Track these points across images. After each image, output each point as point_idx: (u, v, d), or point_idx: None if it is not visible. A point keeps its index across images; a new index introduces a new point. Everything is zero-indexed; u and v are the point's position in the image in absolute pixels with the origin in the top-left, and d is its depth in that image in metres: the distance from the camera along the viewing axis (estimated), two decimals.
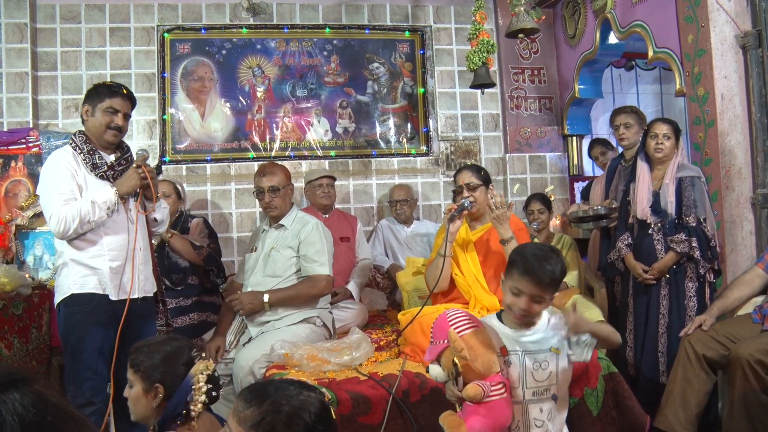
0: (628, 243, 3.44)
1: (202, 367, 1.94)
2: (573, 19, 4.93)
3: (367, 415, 2.43)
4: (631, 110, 3.93)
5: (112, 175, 2.77)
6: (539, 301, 1.93)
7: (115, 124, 2.78)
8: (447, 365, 1.89)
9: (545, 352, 1.96)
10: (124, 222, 2.79)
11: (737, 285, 3.11)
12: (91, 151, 2.76)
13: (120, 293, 2.74)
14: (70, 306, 2.70)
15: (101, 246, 2.72)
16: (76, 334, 2.68)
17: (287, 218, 3.42)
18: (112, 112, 2.77)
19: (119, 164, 2.82)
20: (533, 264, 1.90)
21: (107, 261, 2.72)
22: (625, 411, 2.68)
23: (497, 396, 1.85)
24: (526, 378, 1.95)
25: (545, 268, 1.89)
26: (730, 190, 3.42)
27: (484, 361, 1.84)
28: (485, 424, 1.83)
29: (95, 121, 2.77)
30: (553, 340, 1.98)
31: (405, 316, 3.03)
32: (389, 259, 4.62)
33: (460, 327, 1.89)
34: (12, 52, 4.52)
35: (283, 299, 3.21)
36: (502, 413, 1.85)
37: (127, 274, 2.76)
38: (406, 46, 5.24)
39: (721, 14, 3.43)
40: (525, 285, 1.90)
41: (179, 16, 4.87)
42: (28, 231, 4.08)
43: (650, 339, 3.29)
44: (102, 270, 2.70)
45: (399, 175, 5.12)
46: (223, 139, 4.93)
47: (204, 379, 1.91)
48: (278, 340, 2.92)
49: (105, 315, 2.71)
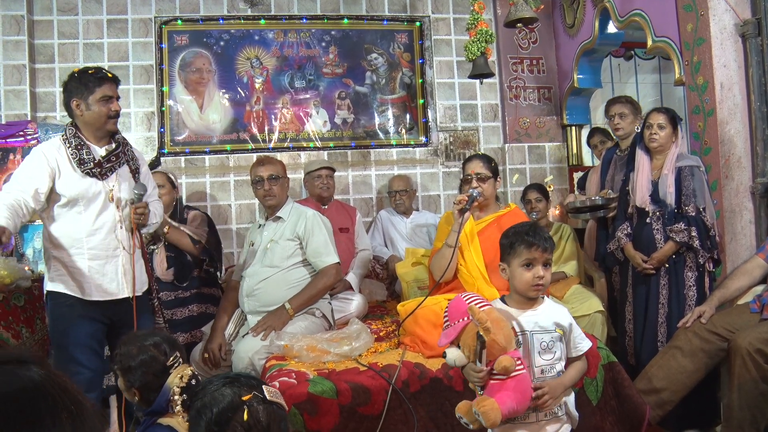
0: (627, 233, 3.43)
1: (177, 380, 1.90)
2: (572, 9, 4.91)
3: (367, 405, 2.44)
4: (626, 100, 3.92)
5: (99, 171, 2.71)
6: (549, 263, 2.08)
7: (114, 111, 2.73)
8: (469, 342, 1.94)
9: (550, 332, 2.06)
10: (110, 222, 2.73)
11: (737, 275, 3.11)
12: (79, 146, 2.69)
13: (100, 293, 2.69)
14: (54, 299, 2.68)
15: (81, 245, 2.68)
16: (60, 327, 2.67)
17: (284, 210, 3.43)
18: (107, 100, 2.71)
19: (108, 161, 2.75)
20: (530, 235, 2.07)
21: (87, 260, 2.67)
22: (625, 400, 2.69)
23: (520, 371, 1.92)
24: (534, 357, 2.04)
25: (541, 235, 2.08)
26: (729, 179, 3.41)
27: (506, 335, 1.92)
28: (515, 398, 1.87)
29: (93, 114, 2.70)
30: (556, 319, 2.08)
31: (404, 306, 3.03)
32: (389, 250, 4.62)
33: (479, 303, 1.98)
34: (9, 44, 4.51)
35: (303, 302, 3.22)
36: (527, 387, 1.91)
37: (108, 275, 2.71)
38: (404, 36, 5.22)
39: (720, 3, 3.42)
40: (535, 254, 2.05)
41: (176, 7, 4.85)
42: (27, 224, 4.06)
43: (650, 328, 3.30)
44: (81, 269, 2.66)
45: (398, 166, 5.11)
46: (221, 131, 4.92)
47: (178, 392, 1.89)
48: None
49: (92, 307, 2.68)
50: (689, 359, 2.91)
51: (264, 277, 3.29)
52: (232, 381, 1.46)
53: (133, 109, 4.75)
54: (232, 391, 1.43)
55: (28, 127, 4.15)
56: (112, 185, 2.75)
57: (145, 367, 1.96)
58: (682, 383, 2.91)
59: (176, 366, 1.97)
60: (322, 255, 3.31)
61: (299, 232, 3.33)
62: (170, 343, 2.06)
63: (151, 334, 2.11)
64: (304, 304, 3.22)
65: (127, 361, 1.98)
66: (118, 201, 2.75)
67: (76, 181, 2.67)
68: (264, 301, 3.26)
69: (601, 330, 3.64)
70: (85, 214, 2.69)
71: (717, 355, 2.87)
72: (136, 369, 1.96)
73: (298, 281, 3.32)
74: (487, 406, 1.84)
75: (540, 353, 2.05)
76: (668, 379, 2.93)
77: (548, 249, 2.06)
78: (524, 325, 2.06)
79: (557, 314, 2.10)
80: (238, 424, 1.38)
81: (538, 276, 2.04)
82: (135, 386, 1.96)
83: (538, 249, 2.04)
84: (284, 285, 3.28)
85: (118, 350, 2.03)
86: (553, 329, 2.05)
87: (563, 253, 4.20)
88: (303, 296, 3.22)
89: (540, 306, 2.11)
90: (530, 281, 2.06)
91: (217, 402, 1.40)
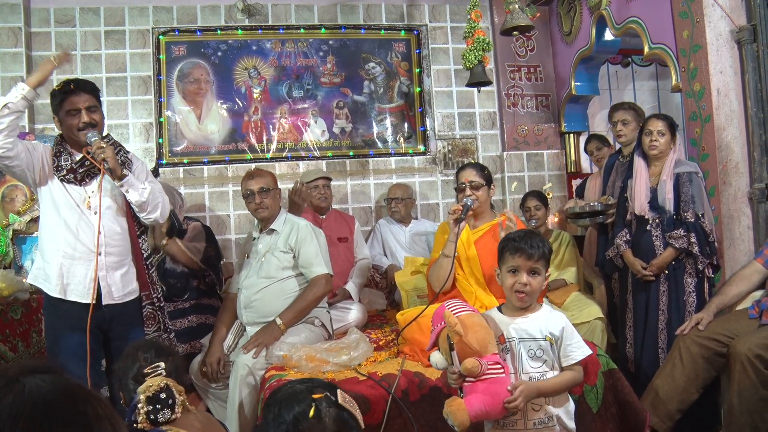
0: (626, 239, 3.43)
1: (143, 388, 1.85)
2: (568, 16, 4.92)
3: (367, 415, 2.42)
4: (629, 107, 3.92)
5: (74, 177, 2.76)
6: (536, 272, 2.07)
7: (81, 123, 2.75)
8: (443, 345, 1.99)
9: (538, 340, 2.05)
10: (87, 223, 2.75)
11: (736, 280, 3.11)
12: (59, 153, 2.78)
13: (68, 294, 2.70)
14: (47, 309, 2.77)
15: (57, 242, 2.72)
16: (51, 337, 2.74)
17: (277, 222, 3.42)
18: (73, 114, 2.76)
19: (82, 166, 2.79)
20: (521, 242, 2.08)
21: (59, 258, 2.71)
22: (625, 407, 2.68)
23: (495, 374, 1.93)
24: (522, 364, 2.05)
25: (532, 244, 2.07)
26: (727, 185, 3.42)
27: (479, 338, 1.94)
28: (483, 400, 1.89)
29: (65, 127, 2.79)
30: (550, 327, 2.06)
31: (404, 315, 3.03)
32: (388, 259, 4.61)
33: (455, 309, 2.03)
34: (7, 56, 4.51)
35: (294, 315, 3.18)
36: (500, 391, 1.91)
37: (76, 277, 2.71)
38: (402, 45, 5.24)
39: (715, 9, 3.43)
40: (519, 261, 2.06)
41: (174, 18, 4.86)
42: (25, 236, 4.07)
43: (650, 335, 3.29)
44: (51, 265, 2.70)
45: (397, 175, 5.11)
46: (220, 141, 4.93)
47: (144, 400, 1.82)
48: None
49: (79, 319, 2.67)
50: (690, 367, 2.91)
51: (260, 288, 3.28)
52: (307, 380, 1.46)
53: (131, 120, 4.76)
54: (305, 387, 1.42)
55: (26, 138, 4.14)
56: (91, 192, 2.79)
57: (123, 372, 1.97)
58: (688, 392, 2.91)
59: (154, 375, 1.91)
60: (312, 265, 3.30)
61: (291, 243, 3.33)
62: (158, 351, 2.02)
63: (144, 342, 2.11)
64: (296, 318, 3.19)
65: (118, 363, 1.99)
66: (96, 208, 2.77)
67: (54, 185, 2.75)
68: (262, 312, 3.25)
69: (600, 337, 3.64)
70: (63, 215, 2.74)
71: (717, 362, 2.86)
72: (117, 373, 1.97)
73: (295, 291, 3.31)
74: (455, 407, 1.88)
75: (529, 361, 2.05)
76: (674, 390, 2.92)
77: (535, 257, 2.05)
78: (512, 332, 2.08)
79: (551, 322, 2.08)
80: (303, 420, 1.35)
81: (521, 283, 2.05)
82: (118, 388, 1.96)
83: (522, 256, 2.05)
84: (281, 295, 3.27)
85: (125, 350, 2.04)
86: (541, 337, 2.04)
87: (562, 260, 4.20)
88: (293, 309, 3.19)
89: (533, 314, 2.10)
90: (511, 287, 2.08)
91: (287, 396, 1.38)
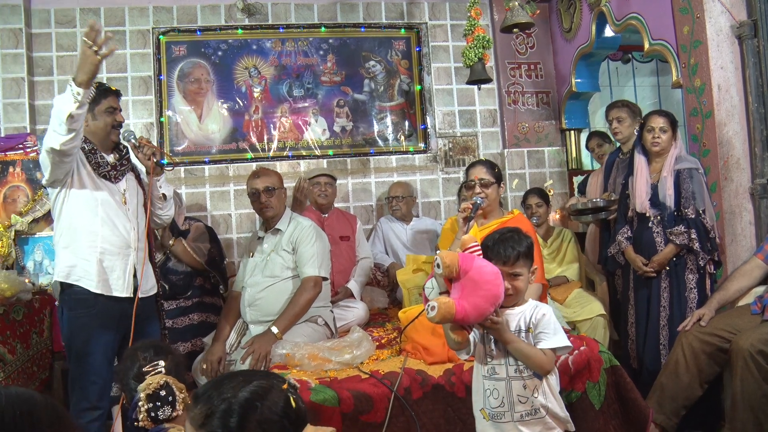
0: (627, 236, 3.44)
1: (143, 386, 1.89)
2: (568, 13, 4.92)
3: (369, 413, 2.43)
4: (623, 104, 3.95)
5: (114, 174, 2.83)
6: (517, 274, 2.06)
7: (118, 121, 2.86)
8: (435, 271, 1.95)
9: (523, 331, 2.04)
10: (124, 219, 2.82)
11: (737, 276, 3.12)
12: (93, 151, 2.80)
13: (106, 289, 2.72)
14: (74, 309, 2.70)
15: (94, 238, 2.73)
16: (82, 337, 2.68)
17: (282, 221, 3.43)
18: (112, 111, 2.85)
19: (121, 164, 2.89)
20: (496, 248, 2.06)
21: (98, 254, 2.72)
22: (628, 404, 2.68)
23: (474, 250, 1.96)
24: (507, 355, 2.03)
25: (507, 247, 2.05)
26: (728, 180, 3.41)
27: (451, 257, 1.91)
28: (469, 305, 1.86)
29: (99, 124, 2.83)
30: (532, 319, 2.05)
31: (406, 313, 3.02)
32: (389, 257, 4.62)
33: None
34: (8, 57, 4.52)
35: (289, 321, 3.16)
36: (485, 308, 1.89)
37: (116, 271, 2.76)
38: (402, 43, 5.24)
39: (716, 5, 3.43)
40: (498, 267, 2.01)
41: (174, 18, 4.86)
42: (27, 236, 4.08)
43: (652, 331, 3.29)
44: (90, 261, 2.70)
45: (398, 173, 5.11)
46: (220, 141, 4.93)
47: (144, 398, 1.87)
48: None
49: (110, 317, 2.72)
50: (693, 363, 2.91)
51: (265, 286, 3.29)
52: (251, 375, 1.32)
53: (132, 120, 4.75)
54: (268, 383, 1.29)
55: (27, 139, 4.16)
56: (123, 189, 2.87)
57: (123, 372, 1.99)
58: (692, 388, 2.92)
59: (154, 374, 1.94)
60: (305, 265, 3.29)
61: (293, 242, 3.33)
62: (157, 350, 2.04)
63: (144, 342, 2.12)
64: (291, 323, 3.17)
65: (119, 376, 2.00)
66: (129, 204, 2.87)
67: (91, 183, 2.77)
68: (265, 311, 3.25)
69: (603, 333, 3.64)
70: (100, 212, 2.76)
71: (719, 357, 2.87)
72: (118, 373, 1.99)
73: None
74: (442, 300, 1.85)
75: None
76: (679, 387, 2.93)
77: (510, 261, 2.04)
78: None
79: (532, 314, 2.06)
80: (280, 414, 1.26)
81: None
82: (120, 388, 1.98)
83: (500, 263, 2.02)
84: (285, 294, 3.28)
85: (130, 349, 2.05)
86: (522, 329, 2.04)
87: (564, 257, 4.20)
88: (287, 316, 3.16)
89: (519, 307, 2.09)
90: None
91: (259, 396, 1.25)
